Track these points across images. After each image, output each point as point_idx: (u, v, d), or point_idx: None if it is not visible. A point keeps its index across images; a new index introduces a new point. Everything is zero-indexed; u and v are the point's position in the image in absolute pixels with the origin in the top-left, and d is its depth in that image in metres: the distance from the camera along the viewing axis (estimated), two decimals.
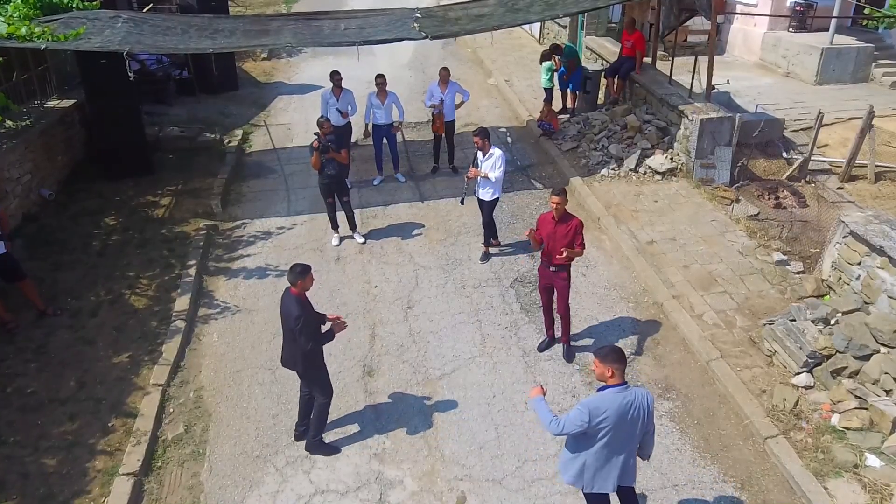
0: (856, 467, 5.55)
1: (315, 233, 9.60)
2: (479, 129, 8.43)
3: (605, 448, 4.37)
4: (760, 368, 6.73)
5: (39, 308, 7.69)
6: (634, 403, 4.31)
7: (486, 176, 8.26)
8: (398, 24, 10.11)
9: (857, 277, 6.99)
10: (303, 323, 5.44)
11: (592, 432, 4.30)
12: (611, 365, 4.28)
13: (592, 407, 4.26)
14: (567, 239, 6.51)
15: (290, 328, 5.51)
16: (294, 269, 5.54)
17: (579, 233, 6.53)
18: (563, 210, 6.50)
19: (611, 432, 4.30)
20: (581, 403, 4.35)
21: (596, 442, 4.35)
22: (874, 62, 14.41)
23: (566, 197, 6.54)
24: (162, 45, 9.20)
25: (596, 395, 4.36)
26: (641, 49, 12.34)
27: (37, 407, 6.46)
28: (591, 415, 4.23)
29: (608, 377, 4.31)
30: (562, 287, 6.80)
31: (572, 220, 6.55)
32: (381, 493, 5.64)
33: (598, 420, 4.24)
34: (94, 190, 10.58)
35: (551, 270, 6.73)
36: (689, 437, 6.10)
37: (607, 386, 4.33)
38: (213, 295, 8.28)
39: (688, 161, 10.53)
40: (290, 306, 5.51)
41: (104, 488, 5.66)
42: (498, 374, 6.89)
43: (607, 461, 4.44)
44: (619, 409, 4.25)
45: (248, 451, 6.07)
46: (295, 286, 5.52)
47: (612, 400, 4.27)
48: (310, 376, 5.84)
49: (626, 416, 4.28)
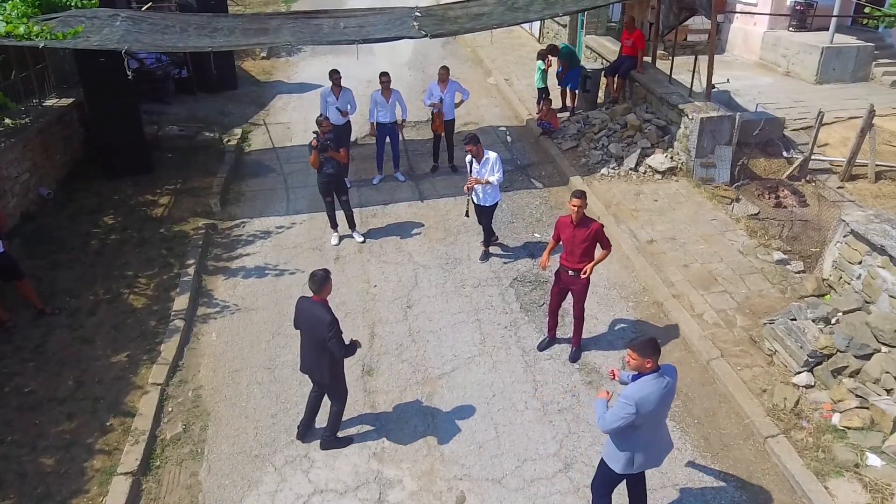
0: (857, 467, 5.53)
1: (314, 232, 9.57)
2: (470, 137, 8.21)
3: (650, 431, 4.54)
4: (761, 368, 6.71)
5: (37, 307, 7.66)
6: (668, 387, 4.46)
7: (488, 182, 8.17)
8: (398, 23, 10.08)
9: (858, 277, 6.98)
10: (336, 329, 5.35)
11: (639, 421, 4.39)
12: (650, 357, 4.39)
13: (638, 398, 4.35)
14: (587, 243, 6.44)
15: (321, 336, 5.35)
16: (316, 276, 5.43)
17: (602, 235, 6.45)
18: (582, 213, 6.40)
19: (654, 416, 4.45)
20: (623, 396, 4.41)
21: (643, 429, 4.48)
22: (874, 61, 14.39)
23: (586, 200, 6.41)
24: (161, 44, 9.17)
25: (637, 385, 4.42)
26: (642, 48, 12.32)
27: (35, 406, 6.43)
28: (638, 406, 4.34)
29: (647, 367, 4.42)
30: (579, 291, 6.74)
31: (592, 224, 6.45)
32: (381, 493, 5.61)
33: (646, 408, 4.35)
34: (92, 189, 10.55)
35: (570, 275, 6.65)
36: (689, 437, 6.08)
37: (643, 374, 4.44)
38: (212, 294, 8.25)
39: (688, 160, 10.51)
40: (318, 314, 5.37)
41: (102, 488, 5.63)
42: (497, 373, 6.87)
43: (653, 442, 4.62)
44: (660, 394, 4.40)
45: (247, 450, 6.05)
46: (320, 293, 5.43)
47: (653, 387, 4.40)
48: (332, 385, 5.77)
49: (665, 398, 4.46)
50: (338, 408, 5.91)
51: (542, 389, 6.65)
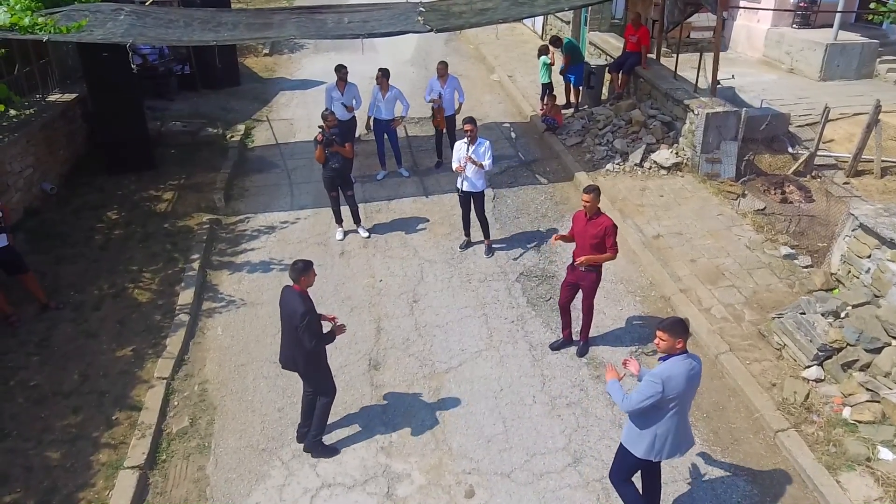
0: (868, 461, 5.50)
1: (319, 227, 9.54)
2: (470, 118, 8.26)
3: (675, 416, 4.47)
4: (770, 362, 6.67)
5: (42, 301, 7.63)
6: (695, 371, 4.42)
7: (480, 165, 8.16)
8: (402, 18, 10.05)
9: (867, 270, 6.94)
10: (308, 320, 5.31)
11: (664, 403, 4.34)
12: (680, 336, 4.37)
13: (665, 377, 4.31)
14: (596, 239, 6.40)
15: (295, 326, 5.33)
16: (296, 266, 5.41)
17: (610, 235, 6.37)
18: (594, 208, 6.37)
19: (680, 399, 4.39)
20: (651, 374, 4.39)
21: (667, 412, 4.42)
22: (879, 58, 14.33)
23: (598, 195, 6.37)
24: (165, 38, 9.15)
25: (665, 365, 4.39)
26: (646, 44, 12.29)
27: (40, 400, 6.40)
28: (664, 385, 4.29)
29: (677, 348, 4.39)
30: (588, 287, 6.70)
31: (603, 220, 6.40)
32: (389, 487, 5.58)
33: (672, 389, 4.30)
34: (95, 184, 10.52)
35: (581, 270, 6.63)
36: (698, 431, 6.03)
37: (671, 355, 4.40)
38: (217, 289, 8.22)
39: (693, 156, 10.48)
40: (293, 303, 5.36)
41: (108, 481, 5.60)
42: (505, 367, 6.83)
43: (677, 428, 4.54)
44: (687, 376, 4.37)
45: (254, 444, 6.01)
46: (298, 283, 5.41)
47: (680, 367, 4.36)
48: (312, 376, 5.72)
49: (692, 381, 4.42)
50: (325, 401, 5.79)
51: (550, 384, 6.61)
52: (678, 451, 4.67)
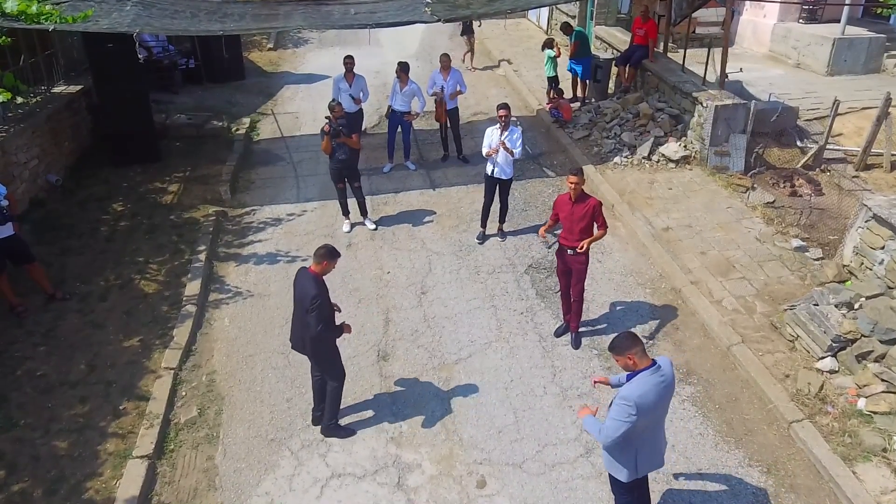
0: (884, 451, 5.44)
1: (325, 219, 9.48)
2: (504, 104, 8.25)
3: (651, 431, 4.30)
4: (783, 353, 6.61)
5: (48, 292, 7.57)
6: (665, 381, 4.18)
7: (511, 152, 8.15)
8: (409, 8, 9.99)
9: (881, 262, 6.87)
10: (319, 304, 5.29)
11: (640, 422, 4.07)
12: (627, 353, 4.12)
13: (636, 397, 4.02)
14: (585, 221, 6.40)
15: (305, 309, 5.33)
16: (324, 248, 5.43)
17: (599, 213, 6.40)
18: (580, 190, 6.39)
19: (654, 415, 4.19)
20: (620, 398, 4.08)
21: (644, 430, 4.19)
22: (886, 53, 14.26)
23: (583, 177, 6.45)
24: (170, 28, 9.10)
25: (633, 385, 4.10)
26: (654, 38, 12.21)
27: (47, 389, 6.35)
28: (638, 406, 4.01)
29: (631, 365, 4.15)
30: (578, 270, 6.68)
31: (589, 200, 6.43)
32: (400, 477, 5.53)
33: (645, 406, 4.05)
34: (101, 176, 10.47)
35: (570, 253, 6.61)
36: (711, 422, 5.99)
37: (638, 371, 4.14)
38: (224, 280, 8.17)
39: (702, 149, 10.41)
40: (307, 285, 5.35)
41: (116, 471, 5.55)
42: (515, 358, 6.78)
43: (655, 441, 4.38)
44: (658, 390, 4.11)
45: (263, 434, 5.96)
46: (319, 265, 5.39)
47: (649, 383, 4.09)
48: (320, 360, 5.70)
49: (664, 393, 4.19)
50: (333, 386, 5.76)
51: (560, 375, 6.56)
52: (660, 461, 4.50)
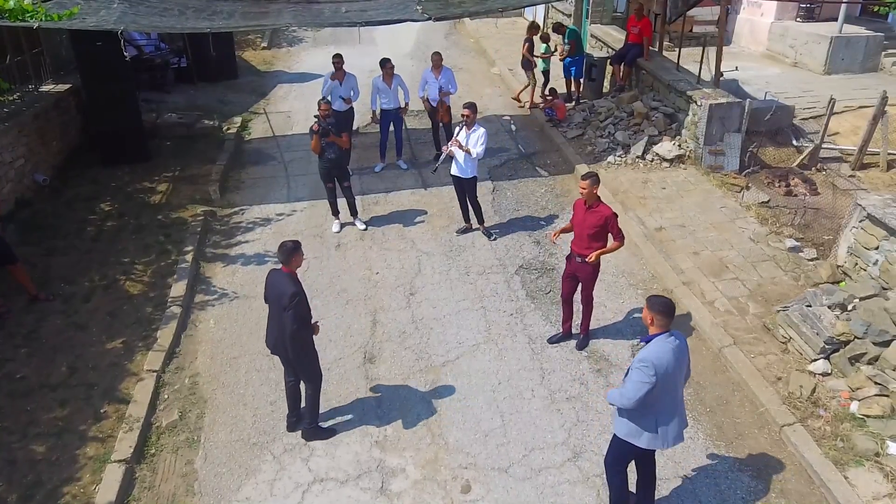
0: (877, 455, 5.33)
1: (315, 219, 9.38)
2: (471, 103, 8.22)
3: (671, 396, 4.37)
4: (775, 355, 6.51)
5: (31, 293, 7.47)
6: (679, 346, 4.31)
7: (468, 150, 8.10)
8: (400, 7, 9.87)
9: (875, 262, 6.77)
10: (297, 301, 5.19)
11: (659, 384, 4.20)
12: (652, 313, 4.30)
13: (653, 358, 4.21)
14: (595, 229, 6.24)
15: (283, 307, 5.20)
16: (285, 247, 5.31)
17: (614, 224, 6.22)
18: (592, 195, 6.20)
19: (672, 378, 4.27)
20: (638, 360, 4.27)
21: (662, 395, 4.29)
22: (884, 51, 14.15)
23: (595, 182, 6.20)
24: (158, 25, 8.99)
25: (651, 347, 4.30)
26: (648, 36, 12.11)
27: (26, 393, 6.24)
28: (655, 367, 4.18)
29: (649, 324, 4.34)
30: (587, 277, 6.54)
31: (602, 209, 6.23)
32: (383, 482, 5.42)
33: (662, 368, 4.18)
34: (89, 176, 10.36)
35: (578, 261, 6.46)
36: (701, 425, 5.87)
37: (652, 336, 4.33)
38: (211, 281, 8.06)
39: (696, 148, 10.30)
40: (282, 284, 5.24)
41: (95, 475, 5.44)
42: (504, 360, 6.67)
43: (674, 409, 4.43)
44: (673, 353, 4.27)
45: (245, 438, 5.85)
46: (288, 264, 5.30)
47: (662, 347, 4.26)
48: (299, 361, 5.52)
49: (679, 357, 4.30)
50: (312, 390, 5.66)
51: (549, 377, 6.45)
52: (680, 436, 4.53)
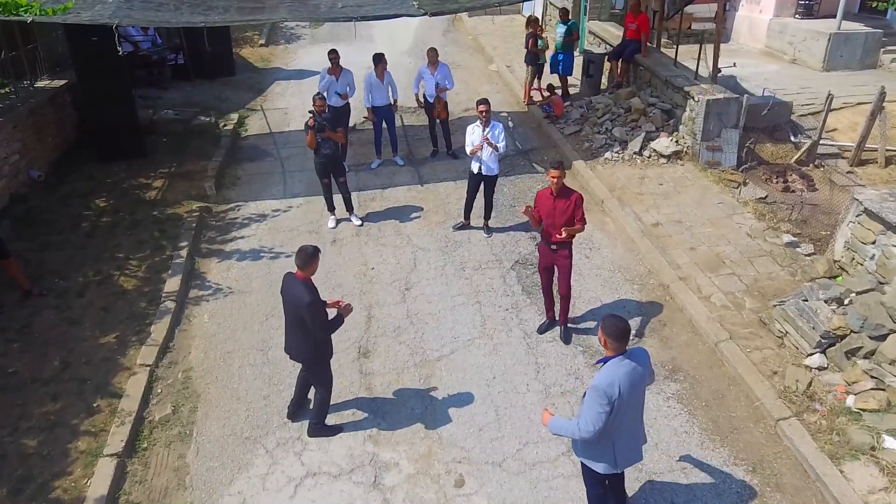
0: (873, 449, 5.29)
1: (311, 215, 9.34)
2: (485, 99, 8.15)
3: (628, 422, 4.20)
4: (771, 350, 6.47)
5: (24, 288, 7.44)
6: (634, 369, 4.11)
7: (496, 147, 8.05)
8: (396, 2, 9.84)
9: (872, 257, 6.74)
10: (316, 309, 5.12)
11: (615, 409, 4.02)
12: (605, 336, 4.10)
13: (605, 385, 4.00)
14: (567, 215, 6.27)
15: (301, 316, 5.11)
16: (304, 252, 5.15)
17: (579, 206, 6.29)
18: (561, 184, 6.26)
19: (627, 402, 4.09)
20: (591, 389, 4.06)
21: (620, 419, 4.11)
22: (882, 48, 14.11)
23: (564, 170, 6.32)
24: (153, 20, 8.95)
25: (602, 372, 4.10)
26: (646, 32, 12.07)
27: (18, 387, 6.21)
28: (607, 394, 3.98)
29: (602, 345, 4.15)
30: (563, 266, 6.55)
31: (572, 195, 6.31)
32: (376, 476, 5.39)
33: (616, 394, 3.99)
34: (85, 172, 10.33)
35: (552, 249, 6.48)
36: (697, 420, 5.84)
37: (607, 358, 4.13)
38: (205, 276, 8.03)
39: (693, 144, 10.27)
40: (298, 292, 5.09)
41: (87, 469, 5.41)
42: (498, 355, 6.64)
43: (633, 433, 4.29)
44: (629, 377, 4.06)
45: (238, 432, 5.82)
46: (305, 270, 5.15)
47: (615, 371, 4.05)
48: (316, 368, 5.53)
49: (635, 381, 4.11)
50: (322, 394, 5.64)
51: (544, 372, 6.42)
52: (639, 456, 4.42)
